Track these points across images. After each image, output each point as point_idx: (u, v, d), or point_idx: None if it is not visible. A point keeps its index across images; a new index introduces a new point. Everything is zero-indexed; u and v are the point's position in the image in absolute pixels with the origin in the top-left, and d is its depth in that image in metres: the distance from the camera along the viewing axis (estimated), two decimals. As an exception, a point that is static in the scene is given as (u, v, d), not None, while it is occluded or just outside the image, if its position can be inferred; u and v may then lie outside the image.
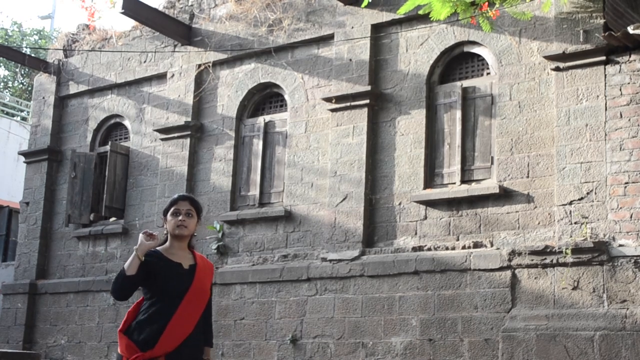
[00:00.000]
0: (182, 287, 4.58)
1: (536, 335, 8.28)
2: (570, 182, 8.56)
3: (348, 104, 10.25)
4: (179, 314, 4.51)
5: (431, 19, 8.63)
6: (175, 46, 12.19)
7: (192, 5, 12.23)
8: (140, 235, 4.57)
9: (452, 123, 9.73)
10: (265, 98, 11.50)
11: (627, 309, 7.95)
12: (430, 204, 9.51)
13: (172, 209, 4.70)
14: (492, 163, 9.35)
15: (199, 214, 4.77)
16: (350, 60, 10.39)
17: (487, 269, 8.82)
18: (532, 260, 8.53)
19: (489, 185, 9.18)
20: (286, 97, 11.12)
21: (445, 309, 9.02)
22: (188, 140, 11.68)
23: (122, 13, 11.16)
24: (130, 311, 4.66)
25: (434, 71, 9.95)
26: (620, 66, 8.49)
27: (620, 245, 8.14)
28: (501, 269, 8.75)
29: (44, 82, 13.82)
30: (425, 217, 9.54)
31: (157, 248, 4.66)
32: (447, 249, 9.25)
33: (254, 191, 11.11)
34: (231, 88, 11.58)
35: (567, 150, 8.64)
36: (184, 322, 4.52)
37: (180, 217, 4.66)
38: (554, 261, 8.41)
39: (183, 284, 4.59)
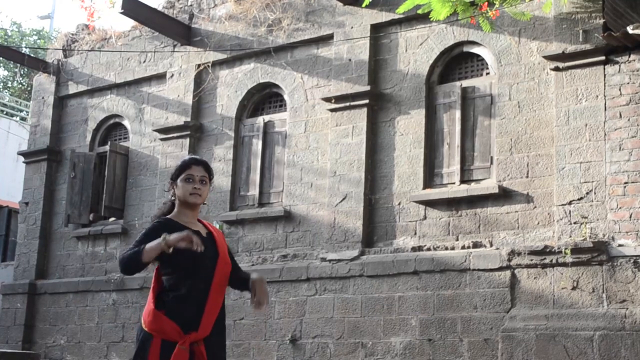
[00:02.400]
0: (209, 258, 4.15)
1: (536, 335, 8.28)
2: (570, 182, 8.56)
3: (347, 104, 10.24)
4: (214, 289, 4.10)
5: (431, 19, 8.64)
6: (174, 46, 12.19)
7: (191, 5, 12.22)
8: (186, 232, 3.94)
9: (451, 123, 9.72)
10: (264, 98, 11.49)
11: (627, 308, 7.95)
12: (429, 204, 9.51)
13: (184, 174, 4.23)
14: (491, 163, 9.35)
15: (210, 180, 4.34)
16: (350, 60, 10.39)
17: (487, 269, 8.82)
18: (532, 260, 8.53)
19: (489, 185, 9.18)
20: (286, 97, 11.11)
21: (445, 309, 9.02)
22: (187, 140, 11.67)
23: (121, 13, 11.15)
24: (154, 286, 4.17)
25: (433, 71, 9.95)
26: (620, 66, 8.49)
27: (620, 245, 8.14)
28: (501, 269, 8.75)
29: (44, 82, 13.82)
30: (425, 217, 9.54)
31: (168, 216, 4.26)
32: (446, 249, 9.24)
33: (254, 191, 11.11)
34: (230, 88, 11.57)
35: (567, 150, 8.64)
36: (217, 299, 4.12)
37: (194, 185, 4.22)
38: (554, 261, 8.41)
39: (209, 254, 4.14)
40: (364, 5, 9.28)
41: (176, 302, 4.05)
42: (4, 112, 22.28)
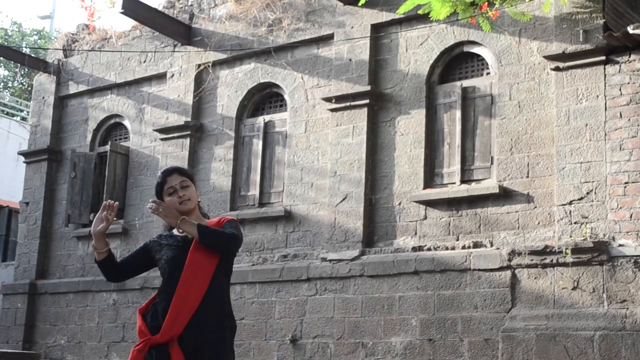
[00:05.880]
0: (177, 262, 4.17)
1: (536, 335, 8.28)
2: (570, 182, 8.56)
3: (348, 103, 10.25)
4: (178, 293, 4.10)
5: (431, 19, 8.64)
6: (175, 46, 12.19)
7: (192, 5, 12.23)
8: (98, 215, 4.41)
9: (452, 123, 9.72)
10: (265, 98, 11.50)
11: (627, 308, 7.95)
12: (430, 204, 9.51)
13: (165, 189, 4.28)
14: (492, 163, 9.35)
15: (192, 181, 4.38)
16: (350, 60, 10.39)
17: (487, 269, 8.82)
18: (532, 260, 8.53)
19: (489, 185, 9.18)
20: (286, 97, 11.11)
21: (445, 309, 9.02)
22: (188, 140, 11.68)
23: (121, 13, 11.16)
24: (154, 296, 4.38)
25: (433, 71, 9.95)
26: (620, 66, 8.49)
27: (620, 245, 8.14)
28: (501, 269, 8.75)
29: (44, 82, 13.82)
30: (425, 217, 9.54)
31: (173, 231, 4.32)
32: (447, 249, 9.24)
33: (254, 191, 11.11)
34: (231, 88, 11.57)
35: (567, 150, 8.64)
36: (185, 301, 4.10)
37: (178, 194, 4.26)
38: (554, 261, 8.41)
39: (177, 258, 4.19)
40: (360, 4, 9.27)
41: (153, 306, 4.23)
42: (5, 112, 22.27)
